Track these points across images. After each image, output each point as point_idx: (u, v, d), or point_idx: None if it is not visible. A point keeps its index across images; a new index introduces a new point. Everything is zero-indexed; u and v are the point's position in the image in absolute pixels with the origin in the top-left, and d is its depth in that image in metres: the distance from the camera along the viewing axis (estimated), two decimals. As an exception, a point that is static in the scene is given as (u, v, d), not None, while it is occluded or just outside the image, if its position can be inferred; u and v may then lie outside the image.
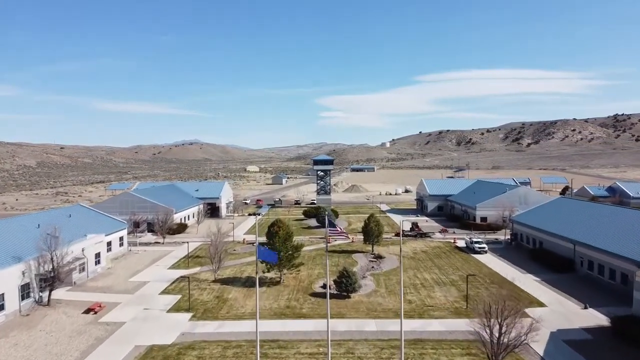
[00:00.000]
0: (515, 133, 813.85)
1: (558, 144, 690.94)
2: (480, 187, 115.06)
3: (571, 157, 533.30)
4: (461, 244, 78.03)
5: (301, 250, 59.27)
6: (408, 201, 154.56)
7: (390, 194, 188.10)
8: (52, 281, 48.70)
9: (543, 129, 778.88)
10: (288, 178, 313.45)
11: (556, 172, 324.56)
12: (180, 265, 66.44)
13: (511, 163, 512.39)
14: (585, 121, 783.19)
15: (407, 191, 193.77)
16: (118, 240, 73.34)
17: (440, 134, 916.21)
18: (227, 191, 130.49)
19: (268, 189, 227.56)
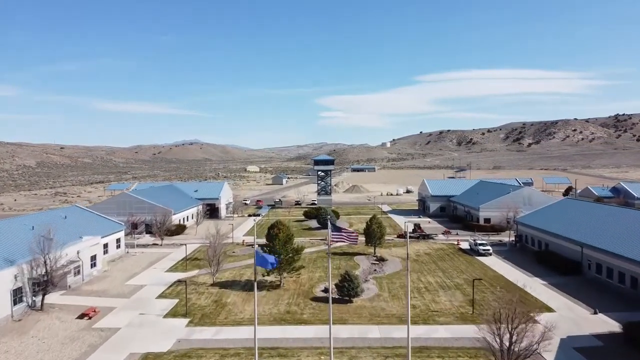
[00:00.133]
0: (516, 133, 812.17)
1: (559, 144, 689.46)
2: (483, 188, 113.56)
3: (572, 157, 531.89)
4: (465, 246, 76.64)
5: (302, 252, 57.98)
6: (409, 202, 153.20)
7: (391, 195, 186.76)
8: (45, 285, 47.31)
9: (544, 129, 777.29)
10: (288, 178, 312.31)
11: (557, 172, 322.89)
12: (178, 268, 65.09)
13: (512, 163, 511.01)
14: (586, 121, 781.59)
15: (409, 191, 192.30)
16: (115, 242, 71.99)
17: (440, 134, 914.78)
18: (227, 192, 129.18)
19: (268, 189, 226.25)
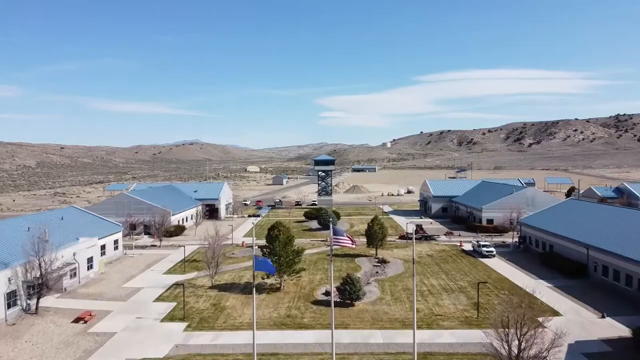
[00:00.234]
0: (516, 133, 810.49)
1: (560, 144, 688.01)
2: (485, 188, 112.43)
3: (573, 157, 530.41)
4: (468, 247, 75.50)
5: (302, 254, 56.90)
6: (411, 202, 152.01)
7: (392, 195, 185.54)
8: (40, 288, 46.24)
9: (544, 129, 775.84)
10: (288, 178, 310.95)
11: (559, 173, 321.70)
12: (176, 270, 63.98)
13: (513, 163, 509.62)
14: (586, 121, 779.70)
15: (410, 192, 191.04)
16: (112, 243, 70.90)
17: (441, 134, 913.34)
18: (227, 192, 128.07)
19: (268, 190, 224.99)
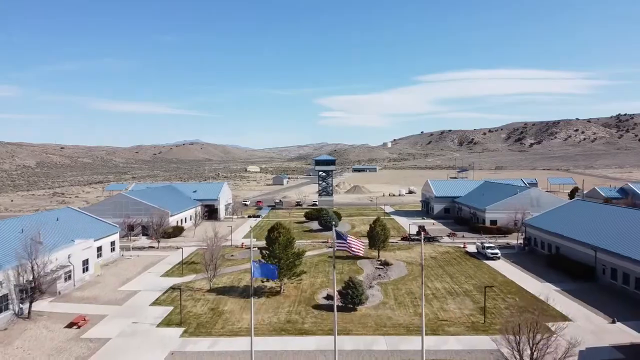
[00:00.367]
0: (517, 133, 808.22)
1: (561, 144, 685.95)
2: (488, 189, 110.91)
3: (575, 157, 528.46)
4: (471, 249, 74.04)
5: (303, 257, 55.48)
6: (412, 203, 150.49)
7: (393, 195, 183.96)
8: (33, 292, 44.85)
9: (545, 129, 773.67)
10: (289, 178, 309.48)
11: (560, 173, 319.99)
12: (174, 272, 62.54)
13: (514, 163, 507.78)
14: (587, 121, 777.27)
15: (411, 192, 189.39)
16: (109, 245, 69.50)
17: (442, 134, 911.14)
18: (226, 192, 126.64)
19: (268, 190, 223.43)
